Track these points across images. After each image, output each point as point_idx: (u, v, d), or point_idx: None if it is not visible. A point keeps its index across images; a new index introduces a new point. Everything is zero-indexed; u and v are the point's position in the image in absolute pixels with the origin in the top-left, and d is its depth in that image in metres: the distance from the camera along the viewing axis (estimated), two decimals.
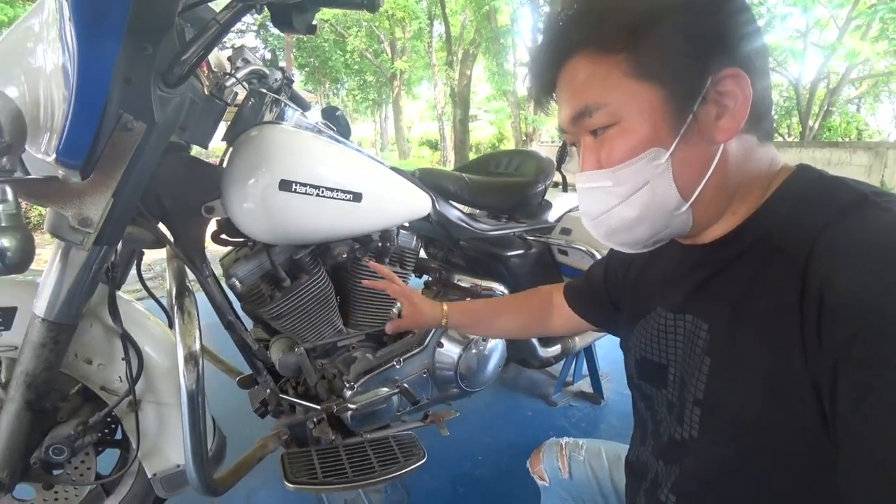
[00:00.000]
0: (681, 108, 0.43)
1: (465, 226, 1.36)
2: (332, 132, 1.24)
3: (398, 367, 1.22)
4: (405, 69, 15.23)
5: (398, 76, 15.69)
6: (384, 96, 19.84)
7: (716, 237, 0.49)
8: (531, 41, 10.58)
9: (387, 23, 14.52)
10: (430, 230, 1.35)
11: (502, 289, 1.44)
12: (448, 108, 13.78)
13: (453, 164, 12.96)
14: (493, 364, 1.37)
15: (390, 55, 15.73)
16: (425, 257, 1.60)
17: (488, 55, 11.68)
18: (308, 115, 1.26)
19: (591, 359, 1.81)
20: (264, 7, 0.72)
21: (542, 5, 9.92)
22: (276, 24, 0.76)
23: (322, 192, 0.96)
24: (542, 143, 11.03)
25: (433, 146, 18.85)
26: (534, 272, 1.55)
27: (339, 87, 20.37)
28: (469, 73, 12.54)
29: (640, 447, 0.61)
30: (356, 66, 17.25)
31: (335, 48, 15.71)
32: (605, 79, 0.45)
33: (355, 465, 1.09)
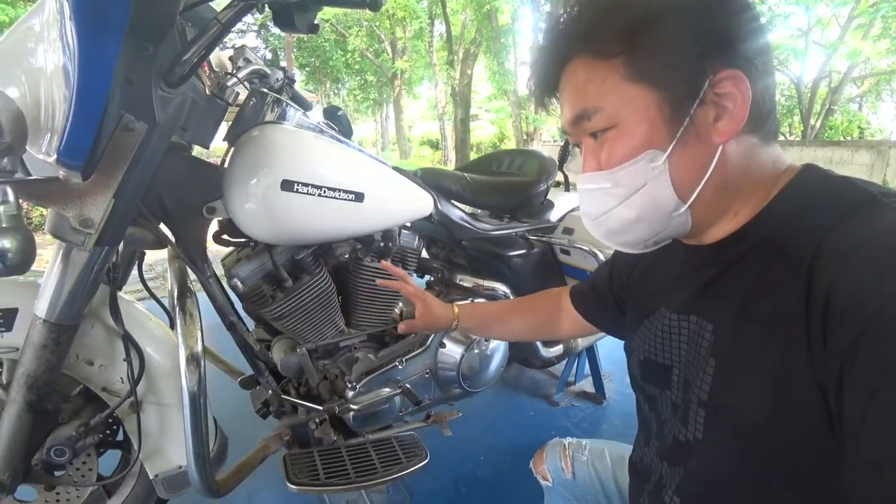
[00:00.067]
0: (677, 111, 0.43)
1: (467, 225, 1.36)
2: (333, 132, 1.24)
3: (400, 367, 1.22)
4: (406, 69, 15.21)
5: (399, 76, 15.66)
6: (385, 96, 19.82)
7: (720, 237, 0.48)
8: (532, 40, 10.58)
9: (387, 22, 14.51)
10: (433, 230, 1.35)
11: (504, 289, 1.44)
12: (449, 108, 13.78)
13: (454, 163, 12.96)
14: (495, 364, 1.37)
15: (391, 55, 15.71)
16: (427, 257, 1.59)
17: (489, 54, 11.65)
18: (310, 115, 1.25)
19: (593, 359, 1.81)
20: (266, 6, 0.71)
21: (542, 4, 9.90)
22: (277, 23, 0.75)
23: (324, 192, 0.96)
24: (543, 142, 11.01)
25: (434, 146, 18.84)
26: (536, 272, 1.54)
27: (340, 86, 20.35)
28: (470, 72, 12.53)
29: (644, 448, 0.60)
30: (357, 65, 17.22)
31: (336, 48, 15.69)
32: (602, 82, 0.45)
33: (357, 466, 1.08)
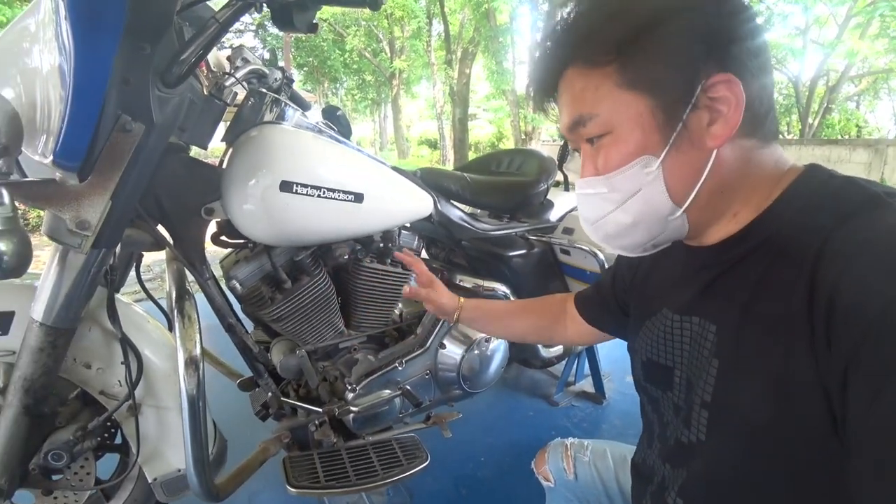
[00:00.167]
0: (670, 117, 0.44)
1: (466, 226, 1.36)
2: (332, 132, 1.24)
3: (400, 368, 1.21)
4: (404, 68, 15.20)
5: (397, 75, 15.66)
6: (383, 95, 19.79)
7: (721, 238, 0.48)
8: (530, 39, 10.58)
9: (385, 22, 14.50)
10: (432, 230, 1.35)
11: (504, 289, 1.44)
12: (447, 107, 13.78)
13: (453, 162, 12.97)
14: (495, 364, 1.36)
15: (389, 54, 15.70)
16: (427, 258, 1.59)
17: (487, 54, 11.67)
18: (308, 115, 1.25)
19: (592, 359, 1.80)
20: (264, 5, 0.71)
21: (540, 3, 9.90)
22: (276, 22, 0.75)
23: (323, 192, 0.96)
24: (542, 142, 11.02)
25: (432, 145, 18.84)
26: (536, 272, 1.54)
27: (338, 86, 20.32)
28: (468, 71, 12.54)
29: (647, 450, 0.60)
30: (355, 65, 17.20)
31: (334, 47, 15.66)
32: (596, 90, 0.46)
33: (358, 468, 1.08)
